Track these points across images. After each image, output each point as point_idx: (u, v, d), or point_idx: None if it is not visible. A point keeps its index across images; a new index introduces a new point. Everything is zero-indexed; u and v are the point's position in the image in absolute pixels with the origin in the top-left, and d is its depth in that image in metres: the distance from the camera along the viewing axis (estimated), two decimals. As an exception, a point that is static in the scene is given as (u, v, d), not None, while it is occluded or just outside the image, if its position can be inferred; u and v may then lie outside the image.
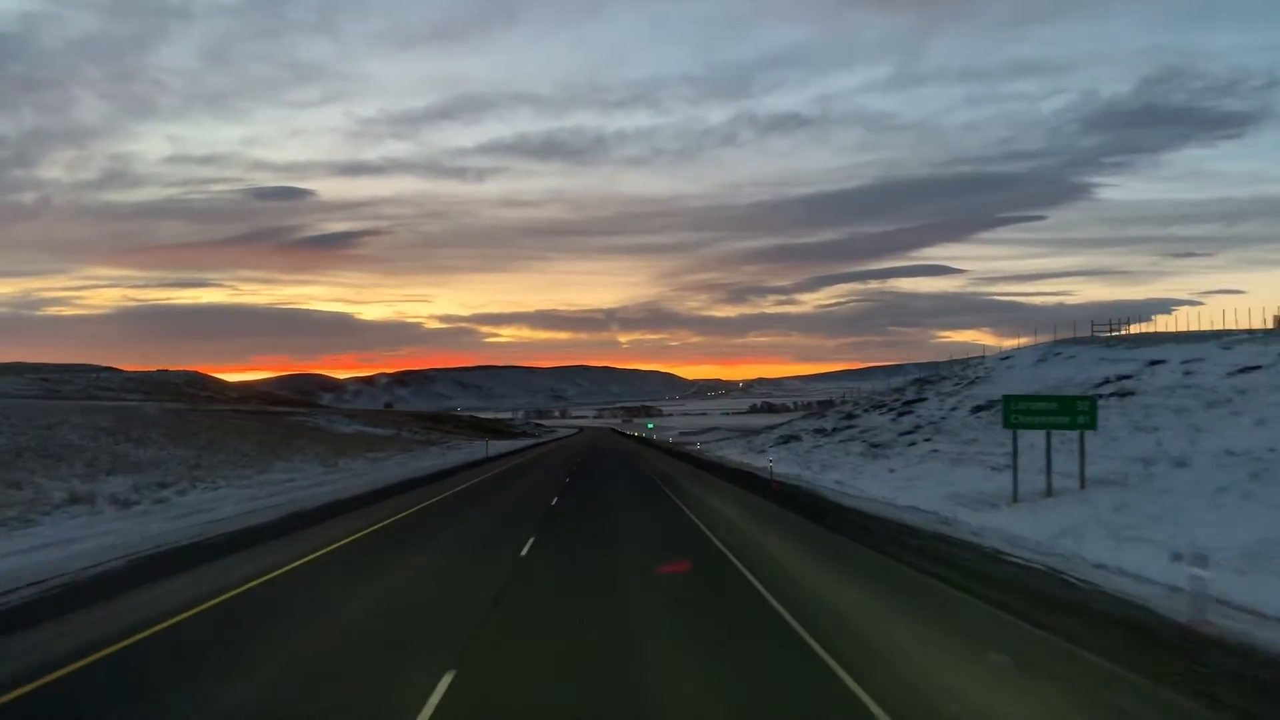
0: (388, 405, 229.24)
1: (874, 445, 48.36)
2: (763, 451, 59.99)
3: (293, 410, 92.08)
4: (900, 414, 61.45)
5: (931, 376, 77.41)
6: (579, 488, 31.24)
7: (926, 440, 45.12)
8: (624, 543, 17.50)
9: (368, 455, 49.66)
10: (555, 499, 27.21)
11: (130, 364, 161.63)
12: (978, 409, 53.31)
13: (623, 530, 20.00)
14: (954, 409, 56.12)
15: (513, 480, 36.45)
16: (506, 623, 10.18)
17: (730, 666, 8.29)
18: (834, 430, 63.25)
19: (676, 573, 13.72)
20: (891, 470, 37.25)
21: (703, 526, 20.25)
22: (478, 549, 16.46)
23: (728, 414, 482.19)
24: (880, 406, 68.86)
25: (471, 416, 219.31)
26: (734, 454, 63.01)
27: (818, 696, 7.40)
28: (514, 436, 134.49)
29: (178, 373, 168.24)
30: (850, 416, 68.38)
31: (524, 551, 15.78)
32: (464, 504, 25.91)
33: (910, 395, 69.20)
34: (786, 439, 64.03)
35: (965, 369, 74.91)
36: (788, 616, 10.34)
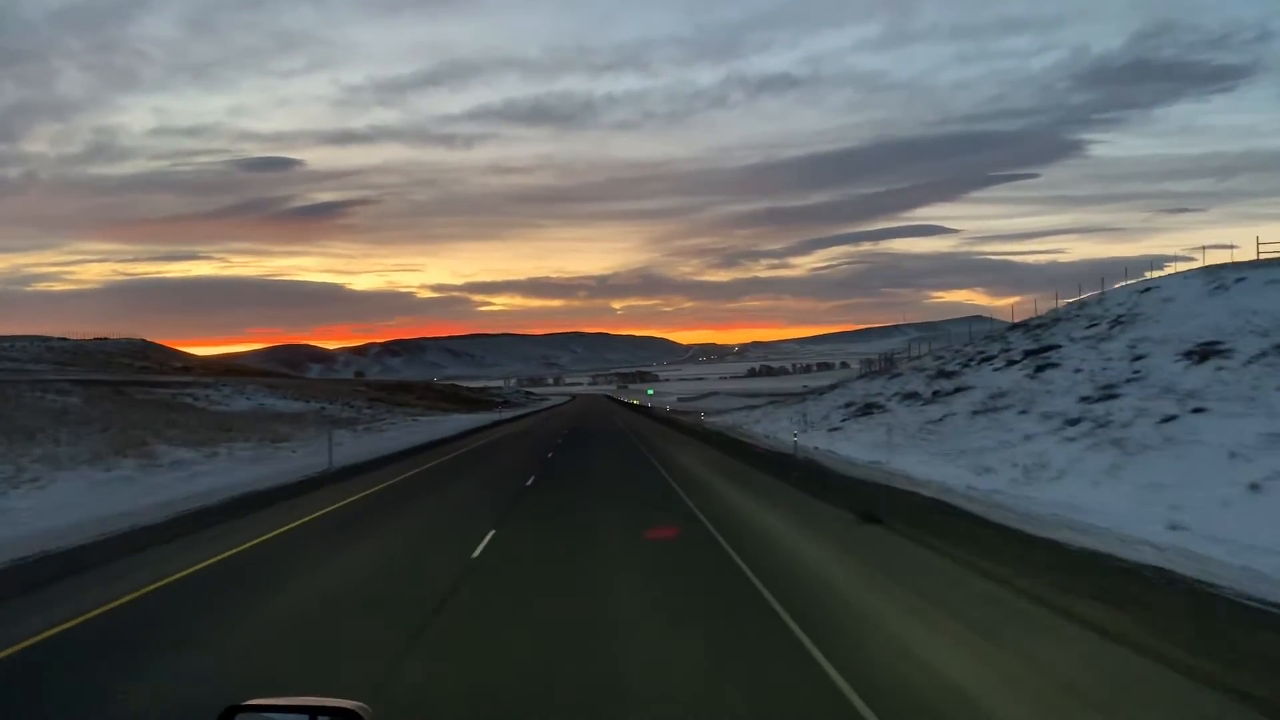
0: (358, 374, 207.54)
1: (1070, 422, 26.32)
2: (838, 428, 38.06)
3: (184, 381, 69.74)
4: (1038, 368, 39.84)
5: (1040, 320, 55.82)
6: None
7: (1205, 412, 23.07)
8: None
9: (159, 456, 27.57)
10: None
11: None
12: (1192, 356, 31.74)
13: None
14: (1140, 358, 34.38)
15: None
16: None
17: None
18: (936, 395, 41.43)
19: None
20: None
21: None
22: None
23: (725, 379, 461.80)
24: (987, 359, 47.24)
25: (451, 385, 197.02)
26: (787, 433, 41.03)
27: None
28: (489, 408, 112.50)
29: (120, 341, 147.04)
30: (946, 374, 46.52)
31: None
32: None
33: (1028, 343, 47.62)
34: (864, 408, 42.05)
35: (1080, 308, 53.97)
36: None
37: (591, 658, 7.26)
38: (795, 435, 26.56)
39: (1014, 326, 58.25)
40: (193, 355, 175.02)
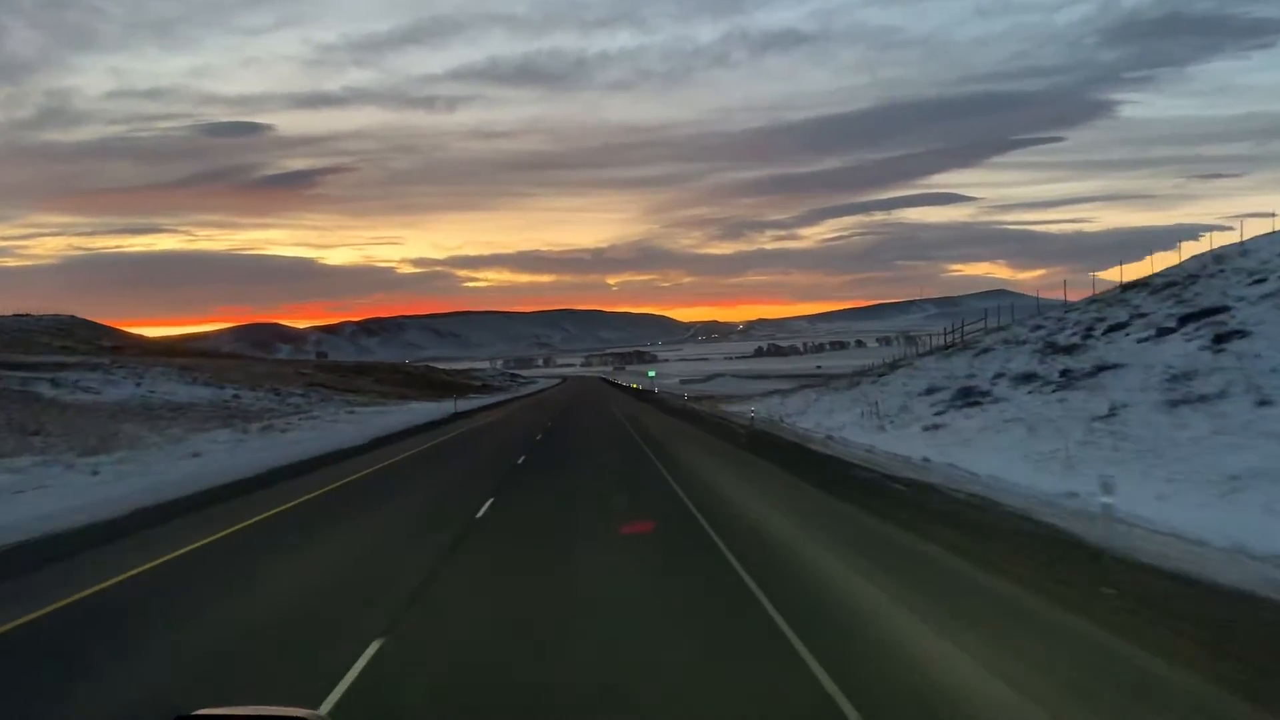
0: (320, 355, 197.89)
1: None
2: (936, 426, 27.32)
3: (61, 363, 58.78)
4: (1217, 338, 29.51)
5: (1170, 278, 45.48)
6: None
7: None
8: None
9: None
10: None
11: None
12: None
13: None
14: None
15: None
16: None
17: None
18: (1066, 376, 30.85)
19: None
20: None
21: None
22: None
23: (730, 359, 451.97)
24: (1117, 327, 36.85)
25: (426, 366, 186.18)
26: (861, 431, 30.10)
27: None
28: (464, 393, 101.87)
29: (45, 318, 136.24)
30: (1062, 348, 36.04)
31: None
32: None
33: (1170, 306, 37.29)
34: (962, 396, 31.33)
35: (1217, 262, 43.97)
36: None
37: None
38: (1108, 498, 11.98)
39: (1129, 286, 47.94)
40: (136, 335, 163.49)
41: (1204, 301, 35.48)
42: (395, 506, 17.41)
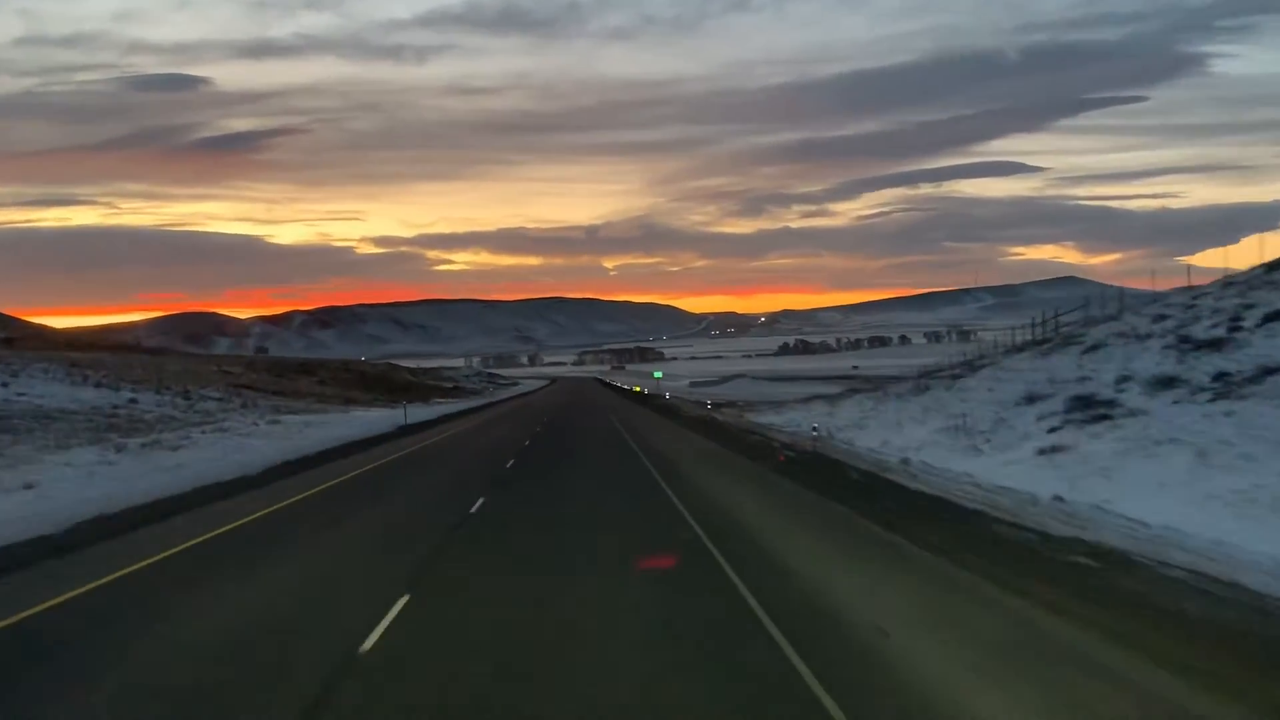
0: (260, 350, 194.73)
1: None
2: (1054, 449, 23.35)
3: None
4: None
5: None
6: None
7: None
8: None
9: None
10: None
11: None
12: None
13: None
14: None
15: None
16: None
17: None
18: (1225, 381, 26.89)
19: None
20: None
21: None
22: None
23: (750, 356, 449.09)
24: (1273, 316, 33.11)
25: (387, 364, 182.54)
26: (952, 457, 25.71)
27: None
28: (426, 397, 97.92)
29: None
30: (1205, 343, 32.23)
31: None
32: None
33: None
34: (1082, 407, 27.23)
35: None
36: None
37: None
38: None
39: (1274, 265, 44.26)
40: (40, 325, 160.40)
41: None
42: (242, 605, 11.82)
